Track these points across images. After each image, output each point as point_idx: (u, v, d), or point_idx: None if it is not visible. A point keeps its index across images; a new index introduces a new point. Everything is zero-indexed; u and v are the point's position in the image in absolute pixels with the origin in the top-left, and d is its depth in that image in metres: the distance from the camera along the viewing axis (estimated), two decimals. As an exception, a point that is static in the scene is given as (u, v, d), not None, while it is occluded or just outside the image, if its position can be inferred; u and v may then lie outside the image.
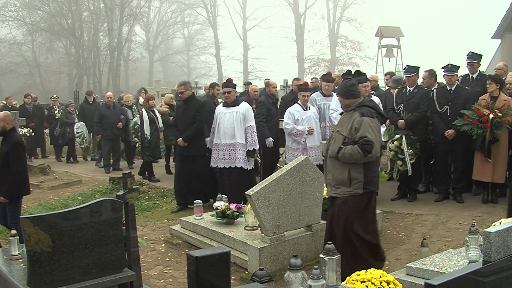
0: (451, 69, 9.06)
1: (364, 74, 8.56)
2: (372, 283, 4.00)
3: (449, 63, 9.15)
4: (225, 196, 8.03)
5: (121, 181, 9.22)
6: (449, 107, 9.05)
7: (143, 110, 12.32)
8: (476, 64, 9.62)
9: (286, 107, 9.97)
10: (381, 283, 4.00)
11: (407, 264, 5.34)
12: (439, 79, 10.35)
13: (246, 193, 6.28)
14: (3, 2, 40.99)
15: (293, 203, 6.52)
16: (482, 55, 9.66)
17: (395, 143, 8.91)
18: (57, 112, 16.63)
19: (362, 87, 7.98)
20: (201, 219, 7.84)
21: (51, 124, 16.93)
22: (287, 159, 9.06)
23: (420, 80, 10.04)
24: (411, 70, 9.42)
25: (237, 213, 7.46)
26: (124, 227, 4.93)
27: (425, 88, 9.74)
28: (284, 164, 7.43)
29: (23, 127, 14.85)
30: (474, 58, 9.58)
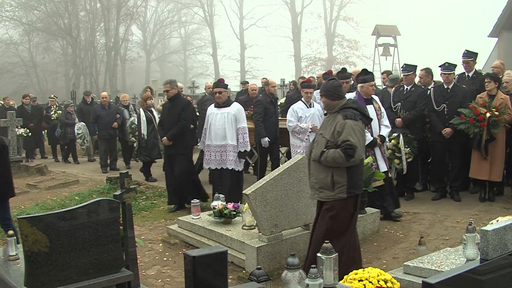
0: (448, 67, 9.07)
1: (371, 73, 8.46)
2: (370, 281, 4.01)
3: (446, 62, 9.16)
4: (223, 195, 8.03)
5: (118, 181, 9.21)
6: (446, 105, 9.06)
7: (141, 110, 12.31)
8: (471, 62, 9.64)
9: (290, 106, 9.93)
10: (378, 281, 4.01)
11: (405, 263, 5.35)
12: (436, 78, 10.37)
13: (244, 192, 6.28)
14: (-1, 2, 40.99)
15: (291, 202, 6.52)
16: (477, 53, 9.68)
17: (393, 141, 8.92)
18: (53, 113, 16.57)
19: (369, 86, 8.03)
20: (198, 218, 7.83)
21: (48, 125, 16.91)
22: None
23: (417, 79, 10.04)
24: (408, 68, 9.44)
25: (235, 213, 7.45)
26: (122, 227, 4.93)
27: (422, 87, 9.76)
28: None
29: (20, 127, 14.87)
30: (470, 56, 9.60)
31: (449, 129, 8.94)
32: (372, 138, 7.89)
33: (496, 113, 8.50)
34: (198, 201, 8.08)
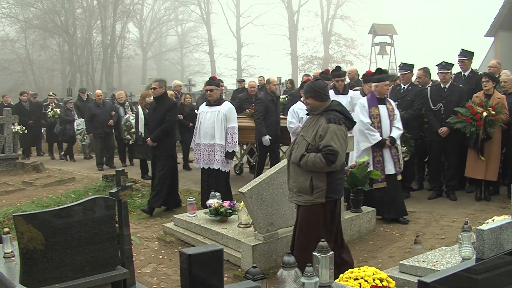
0: (445, 66, 9.08)
1: (386, 72, 8.35)
2: (365, 280, 4.01)
3: (443, 61, 9.17)
4: (218, 193, 8.01)
5: (114, 178, 9.19)
6: (443, 104, 9.07)
7: (139, 107, 12.28)
8: (467, 61, 9.65)
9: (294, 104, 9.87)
10: (374, 280, 4.01)
11: (400, 262, 5.36)
12: (433, 77, 10.37)
13: (239, 190, 6.27)
14: (-4, -1, 40.89)
15: (287, 200, 6.51)
16: (473, 52, 9.69)
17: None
18: (49, 111, 16.52)
19: (383, 85, 7.95)
20: (194, 216, 7.83)
21: (45, 122, 16.88)
22: None
23: (414, 78, 10.05)
24: (405, 67, 9.45)
25: (230, 211, 7.45)
26: (117, 225, 4.92)
27: (419, 86, 9.77)
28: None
29: (16, 124, 14.84)
30: (465, 55, 9.61)
31: (445, 128, 8.95)
32: (380, 138, 7.86)
33: (493, 112, 8.52)
34: (193, 199, 8.06)
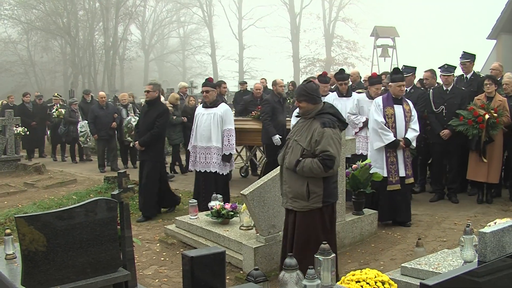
0: (447, 69, 9.08)
1: (401, 72, 8.16)
2: (367, 283, 4.01)
3: (445, 63, 9.16)
4: (220, 195, 8.01)
5: (116, 180, 9.18)
6: (445, 107, 9.06)
7: None
8: (468, 63, 9.64)
9: None
10: (376, 283, 4.01)
11: (402, 264, 5.34)
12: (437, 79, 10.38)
13: (241, 192, 6.27)
14: (-2, 1, 40.98)
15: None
16: (475, 54, 9.69)
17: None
18: (54, 111, 16.53)
19: (396, 86, 7.82)
20: (196, 218, 7.83)
21: (50, 123, 16.89)
22: None
23: (416, 80, 10.05)
24: (408, 70, 9.44)
25: (232, 213, 7.44)
26: (119, 227, 4.92)
27: (421, 89, 9.77)
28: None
29: (18, 126, 14.85)
30: (466, 58, 9.61)
31: (447, 130, 8.95)
32: (394, 138, 7.75)
33: (495, 114, 8.51)
34: (195, 201, 8.06)
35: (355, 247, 7.29)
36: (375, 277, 4.06)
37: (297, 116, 5.56)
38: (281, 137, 10.27)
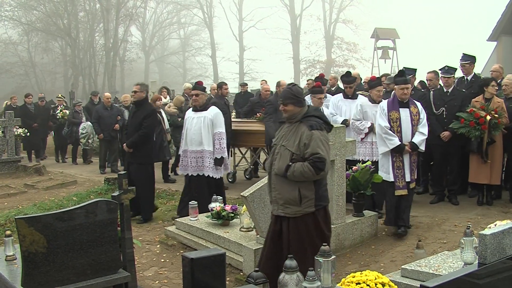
0: (448, 71, 9.08)
1: (404, 74, 7.91)
2: (367, 285, 4.01)
3: (446, 65, 9.16)
4: (220, 197, 8.01)
5: (116, 181, 9.18)
6: (445, 109, 9.05)
7: None
8: (468, 65, 9.63)
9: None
10: (376, 285, 4.01)
11: (402, 266, 5.35)
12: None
13: (242, 194, 6.27)
14: (-2, 2, 41.00)
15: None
16: (475, 56, 9.68)
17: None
18: (58, 112, 16.53)
19: (399, 89, 7.60)
20: (196, 220, 7.83)
21: (54, 124, 16.89)
22: None
23: (416, 82, 10.05)
24: (408, 72, 9.40)
25: (232, 214, 7.45)
26: (119, 228, 4.93)
27: (422, 90, 9.76)
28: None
29: (18, 127, 14.85)
30: (466, 60, 9.61)
31: (447, 132, 8.94)
32: (399, 143, 7.50)
33: (496, 115, 8.51)
34: (196, 203, 8.05)
35: (355, 248, 7.29)
36: (375, 279, 4.06)
37: (281, 122, 5.48)
38: None
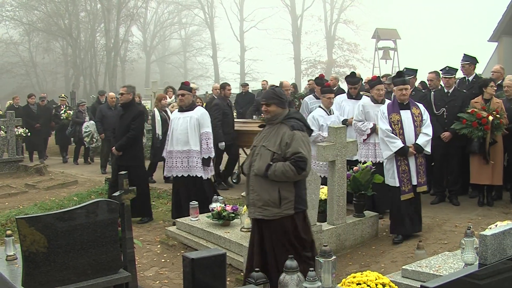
0: (448, 71, 9.07)
1: (403, 75, 7.77)
2: (368, 285, 4.01)
3: (447, 66, 9.16)
4: (221, 197, 8.01)
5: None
6: (446, 109, 9.05)
7: (155, 110, 12.27)
8: (468, 66, 9.63)
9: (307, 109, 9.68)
10: (376, 285, 4.01)
11: (403, 267, 5.35)
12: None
13: (242, 194, 6.26)
14: (0, 2, 40.99)
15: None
16: (475, 57, 9.67)
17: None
18: (63, 112, 16.52)
19: (397, 90, 7.44)
20: (197, 220, 7.83)
21: (56, 124, 16.88)
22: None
23: (417, 82, 10.05)
24: (409, 72, 9.43)
25: (233, 215, 7.45)
26: (120, 228, 4.93)
27: (422, 91, 9.76)
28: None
29: (19, 127, 14.86)
30: (467, 60, 9.61)
31: (448, 133, 8.93)
32: (402, 145, 7.30)
33: (498, 116, 8.50)
34: (196, 203, 8.04)
35: (356, 249, 7.29)
36: (376, 279, 4.06)
37: (261, 126, 5.51)
38: None
